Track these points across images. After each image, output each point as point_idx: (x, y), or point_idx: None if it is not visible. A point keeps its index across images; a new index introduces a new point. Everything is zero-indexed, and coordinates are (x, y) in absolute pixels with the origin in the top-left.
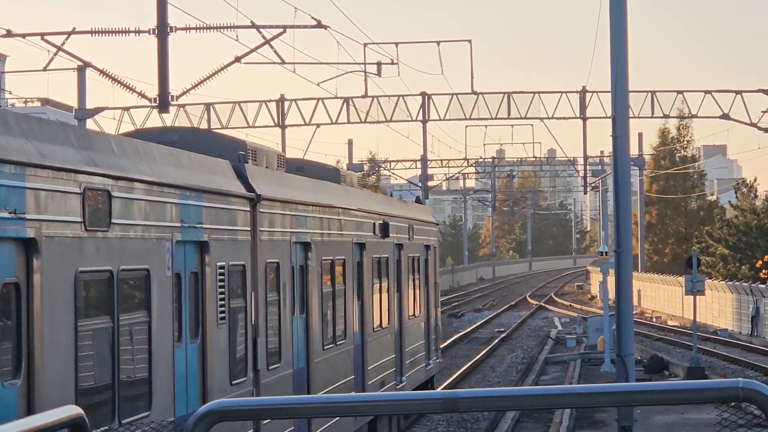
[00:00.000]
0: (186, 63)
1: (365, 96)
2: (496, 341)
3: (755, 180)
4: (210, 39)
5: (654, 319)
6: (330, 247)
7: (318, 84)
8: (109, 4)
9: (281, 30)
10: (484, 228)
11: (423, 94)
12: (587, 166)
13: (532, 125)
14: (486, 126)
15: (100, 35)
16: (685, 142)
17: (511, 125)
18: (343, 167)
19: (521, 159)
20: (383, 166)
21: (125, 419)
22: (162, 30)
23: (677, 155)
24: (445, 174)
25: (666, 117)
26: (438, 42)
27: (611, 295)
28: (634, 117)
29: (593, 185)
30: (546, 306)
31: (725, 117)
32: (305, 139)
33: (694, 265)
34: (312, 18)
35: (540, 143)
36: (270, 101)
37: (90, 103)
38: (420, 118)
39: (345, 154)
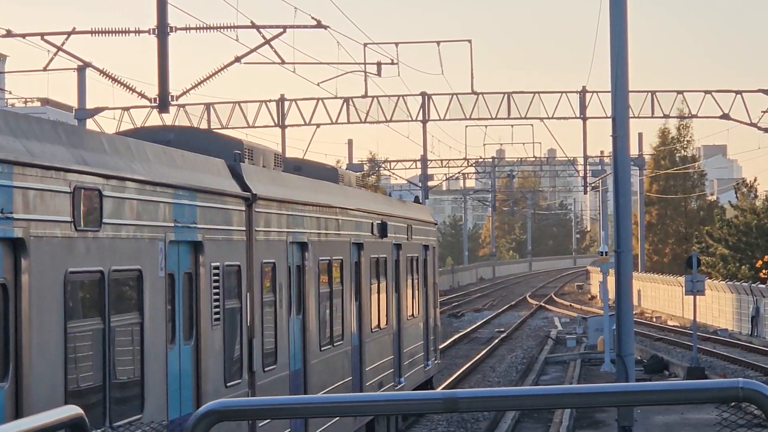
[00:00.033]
0: (186, 63)
1: (365, 96)
2: (496, 341)
3: (755, 180)
4: (210, 39)
5: (654, 319)
6: (327, 247)
7: (318, 84)
8: (109, 4)
9: (281, 30)
10: (484, 228)
11: (423, 94)
12: (587, 166)
13: (532, 125)
14: (486, 126)
15: (100, 35)
16: (685, 142)
17: (511, 125)
18: (343, 167)
19: (521, 159)
20: (383, 166)
21: (116, 422)
22: (162, 30)
23: (677, 155)
24: (445, 174)
25: (666, 117)
26: (438, 42)
27: (611, 295)
28: (634, 117)
29: (593, 185)
30: (546, 306)
31: (725, 117)
32: (305, 139)
33: (694, 265)
34: (312, 18)
35: (540, 143)
36: (270, 101)
37: (90, 103)
38: (420, 118)
39: (345, 154)
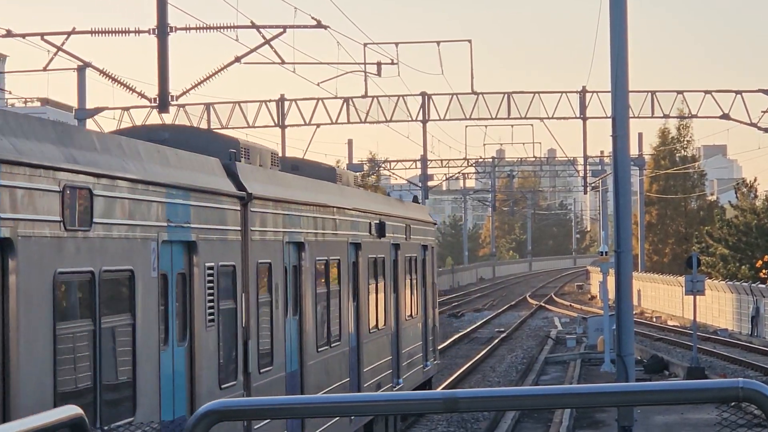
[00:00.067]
0: (186, 63)
1: (365, 96)
2: (496, 341)
3: (755, 180)
4: (210, 39)
5: (654, 319)
6: (324, 247)
7: (318, 84)
8: (109, 4)
9: (281, 30)
10: (484, 228)
11: (423, 94)
12: (587, 166)
13: (532, 125)
14: (486, 126)
15: (100, 35)
16: (685, 142)
17: (511, 125)
18: (343, 167)
19: (521, 159)
20: (383, 166)
21: (107, 425)
22: (162, 30)
23: (677, 155)
24: (445, 174)
25: (666, 117)
26: (438, 42)
27: (611, 295)
28: (634, 117)
29: (593, 185)
30: (546, 306)
31: (725, 117)
32: (305, 139)
33: (694, 265)
34: (312, 18)
35: (540, 143)
36: (270, 101)
37: (90, 103)
38: (420, 118)
39: (345, 154)
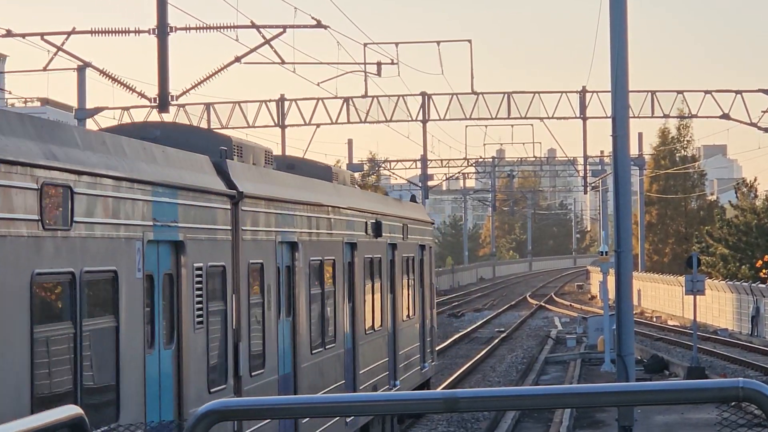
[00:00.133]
0: (186, 63)
1: (365, 96)
2: (496, 341)
3: (755, 180)
4: (210, 39)
5: (654, 319)
6: (319, 247)
7: (318, 84)
8: (109, 4)
9: (281, 30)
10: (484, 228)
11: (423, 94)
12: (587, 166)
13: (532, 125)
14: (486, 126)
15: (100, 35)
16: (685, 142)
17: (511, 125)
18: (343, 167)
19: (521, 159)
20: (383, 166)
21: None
22: (162, 30)
23: (677, 155)
24: (445, 174)
25: (666, 117)
26: (438, 42)
27: (611, 295)
28: (634, 117)
29: (593, 185)
30: (546, 306)
31: (725, 117)
32: (305, 139)
33: (694, 265)
34: (312, 18)
35: (540, 143)
36: (270, 101)
37: (90, 103)
38: (420, 118)
39: (345, 154)
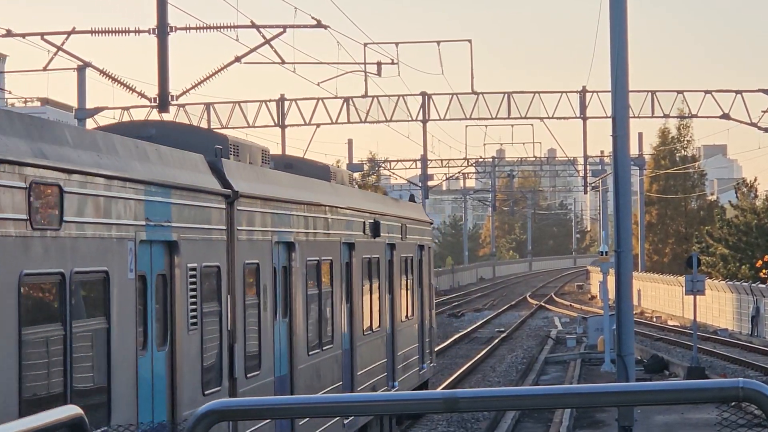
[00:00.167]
0: (186, 63)
1: (365, 96)
2: (496, 341)
3: (755, 180)
4: (210, 39)
5: (654, 319)
6: (316, 247)
7: (318, 84)
8: (109, 4)
9: (281, 30)
10: (484, 228)
11: (423, 94)
12: (587, 166)
13: (532, 125)
14: (486, 126)
15: (100, 35)
16: (685, 142)
17: (511, 125)
18: (343, 167)
19: (521, 159)
20: (383, 166)
21: None
22: (162, 30)
23: (677, 155)
24: (445, 174)
25: (666, 117)
26: (438, 42)
27: (611, 295)
28: (634, 117)
29: (593, 185)
30: (546, 306)
31: (725, 117)
32: (305, 139)
33: (694, 265)
34: (312, 18)
35: (540, 143)
36: (270, 101)
37: (90, 103)
38: (420, 118)
39: (345, 154)
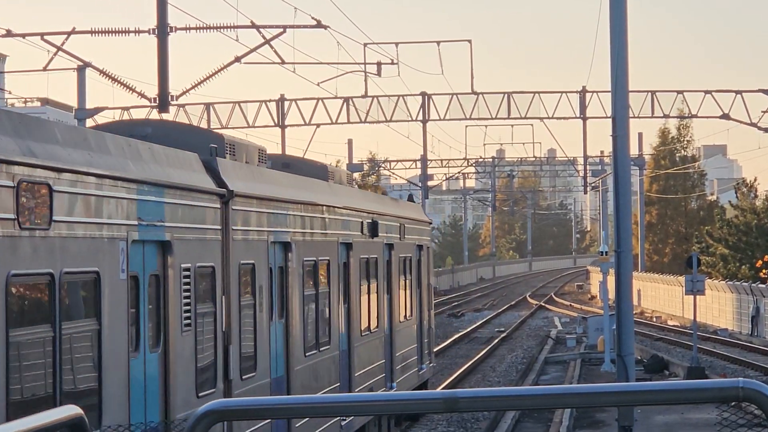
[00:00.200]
0: (186, 63)
1: (365, 96)
2: (496, 341)
3: (755, 180)
4: (210, 39)
5: (654, 319)
6: (313, 248)
7: (318, 84)
8: (109, 4)
9: (281, 30)
10: (484, 228)
11: (423, 94)
12: (587, 166)
13: (532, 125)
14: (486, 126)
15: (100, 35)
16: (685, 142)
17: (511, 125)
18: (343, 167)
19: (521, 159)
20: (383, 166)
21: None
22: (162, 30)
23: (677, 155)
24: (445, 174)
25: (666, 117)
26: (438, 42)
27: (611, 295)
28: (634, 117)
29: (593, 185)
30: (546, 306)
31: (725, 117)
32: (305, 139)
33: (694, 265)
34: (312, 18)
35: (540, 143)
36: (270, 101)
37: (90, 103)
38: (420, 118)
39: (345, 154)
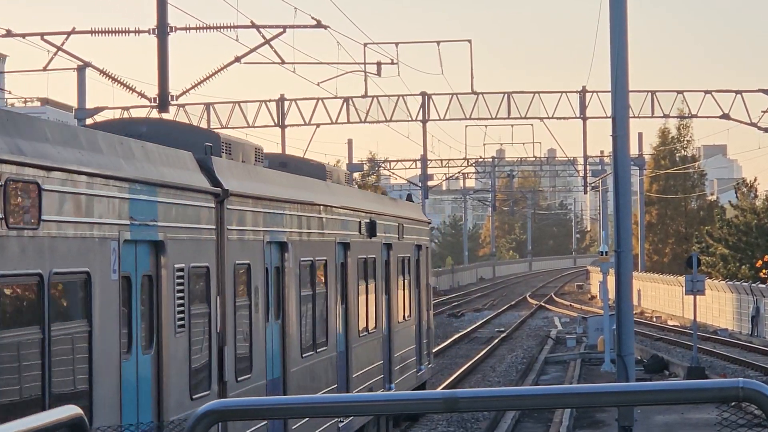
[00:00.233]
0: (186, 63)
1: (365, 96)
2: (496, 341)
3: (755, 180)
4: (210, 39)
5: (654, 319)
6: (310, 247)
7: (318, 84)
8: (109, 4)
9: (281, 30)
10: (484, 228)
11: (423, 94)
12: (587, 166)
13: (532, 125)
14: (486, 126)
15: (100, 35)
16: (685, 142)
17: (511, 125)
18: (343, 167)
19: (521, 159)
20: (383, 165)
21: None
22: (162, 30)
23: (677, 155)
24: (445, 174)
25: (666, 117)
26: (438, 42)
27: (611, 295)
28: (634, 117)
29: (593, 185)
30: (546, 306)
31: (725, 117)
32: (305, 139)
33: (694, 265)
34: (312, 18)
35: (540, 143)
36: (270, 101)
37: (90, 103)
38: (420, 118)
39: (345, 154)
